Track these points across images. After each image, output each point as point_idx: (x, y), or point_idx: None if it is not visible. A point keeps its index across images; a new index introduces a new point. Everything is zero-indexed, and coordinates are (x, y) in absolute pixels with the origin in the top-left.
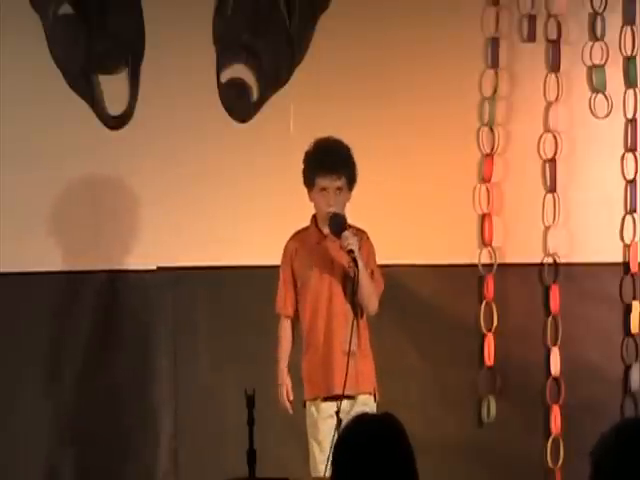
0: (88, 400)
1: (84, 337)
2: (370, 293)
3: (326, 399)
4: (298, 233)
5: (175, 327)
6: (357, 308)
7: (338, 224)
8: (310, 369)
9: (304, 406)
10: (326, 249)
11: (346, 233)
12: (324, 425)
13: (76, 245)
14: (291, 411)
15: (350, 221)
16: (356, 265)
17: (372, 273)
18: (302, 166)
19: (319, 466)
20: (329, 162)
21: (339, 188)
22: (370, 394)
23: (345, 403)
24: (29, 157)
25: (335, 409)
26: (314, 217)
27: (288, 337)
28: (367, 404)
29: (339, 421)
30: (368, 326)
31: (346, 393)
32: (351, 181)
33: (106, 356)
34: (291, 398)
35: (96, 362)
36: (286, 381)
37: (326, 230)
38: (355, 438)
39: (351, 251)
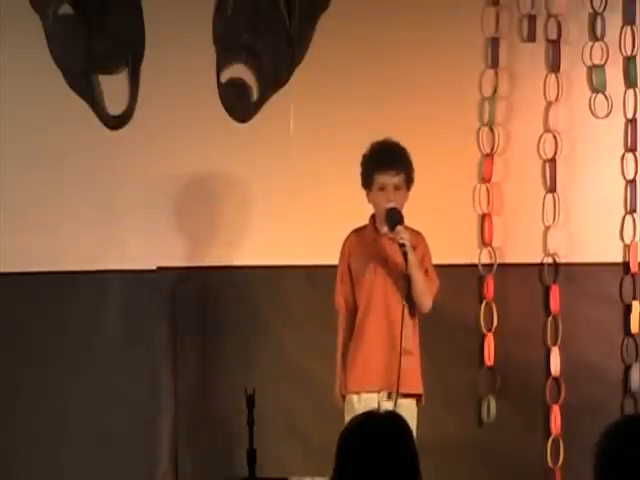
0: (88, 400)
1: (84, 337)
2: (423, 289)
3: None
4: (356, 231)
5: (175, 327)
6: (411, 305)
7: (394, 218)
8: (359, 362)
9: (343, 399)
10: (382, 246)
11: (399, 227)
12: None
13: (76, 245)
14: (342, 404)
15: (351, 221)
16: (406, 259)
17: (426, 272)
18: (360, 169)
19: None
20: (387, 159)
21: (397, 187)
22: (414, 398)
23: (389, 404)
24: (29, 157)
25: (376, 405)
26: (372, 216)
27: (342, 332)
28: (410, 410)
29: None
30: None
31: (407, 391)
32: (409, 180)
33: (105, 356)
34: (344, 392)
35: (96, 362)
36: (339, 376)
37: (383, 229)
38: (359, 436)
39: (402, 245)
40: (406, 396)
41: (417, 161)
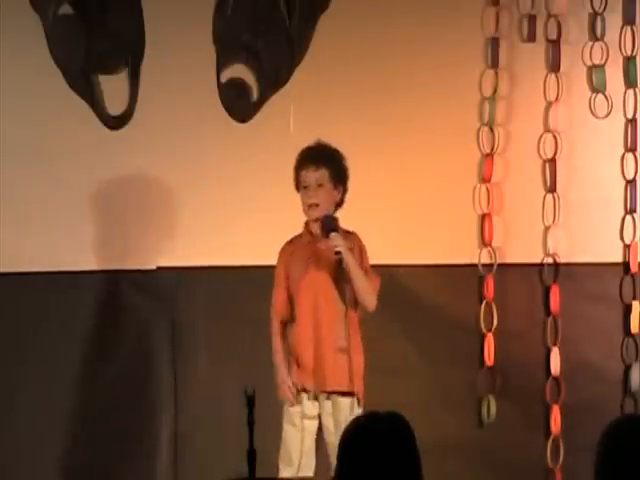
0: (88, 400)
1: (84, 337)
2: (366, 290)
3: (309, 397)
4: (292, 240)
5: (175, 327)
6: (347, 306)
7: (328, 225)
8: (298, 365)
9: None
10: (317, 249)
11: (334, 234)
12: (304, 425)
13: (76, 245)
14: (295, 403)
15: (349, 221)
16: (341, 266)
17: (366, 271)
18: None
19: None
20: (309, 156)
21: (320, 183)
22: (353, 397)
23: (328, 404)
24: (29, 157)
25: (317, 410)
26: (306, 222)
27: (279, 338)
28: (351, 410)
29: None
30: (369, 327)
31: (334, 389)
32: (336, 178)
33: (106, 356)
34: (294, 392)
35: (96, 362)
36: (287, 380)
37: (315, 229)
38: (361, 436)
39: (338, 252)
40: (342, 395)
41: (417, 161)
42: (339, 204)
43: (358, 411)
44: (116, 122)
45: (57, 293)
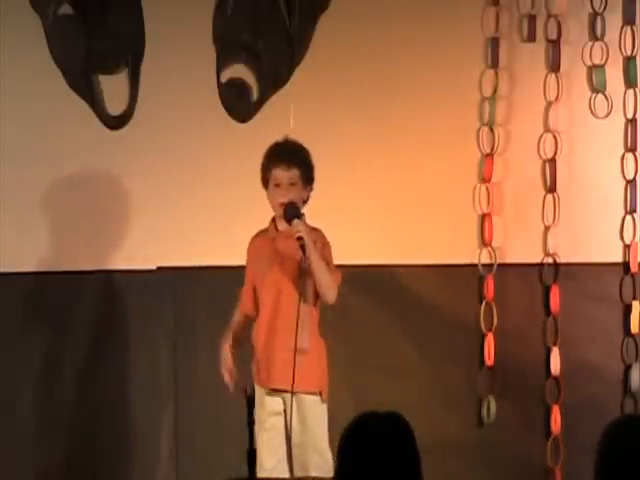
0: (88, 400)
1: (84, 337)
2: (326, 281)
3: (270, 393)
4: (257, 234)
5: (175, 327)
6: (306, 300)
7: (290, 212)
8: (258, 363)
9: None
10: (280, 245)
11: (296, 221)
12: (271, 423)
13: (76, 245)
14: (232, 389)
15: (350, 221)
16: (304, 252)
17: (328, 265)
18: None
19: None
20: (282, 155)
21: (292, 182)
22: (316, 395)
23: (290, 399)
24: (29, 157)
25: (282, 406)
26: (273, 217)
27: (235, 325)
28: (315, 407)
29: (288, 419)
30: (369, 327)
31: (288, 386)
32: (306, 178)
33: (106, 356)
34: (234, 375)
35: (96, 362)
36: (227, 364)
37: (281, 226)
38: (361, 436)
39: (300, 238)
40: (306, 393)
41: (417, 161)
42: (305, 201)
43: (323, 407)
44: (116, 122)
45: (57, 293)
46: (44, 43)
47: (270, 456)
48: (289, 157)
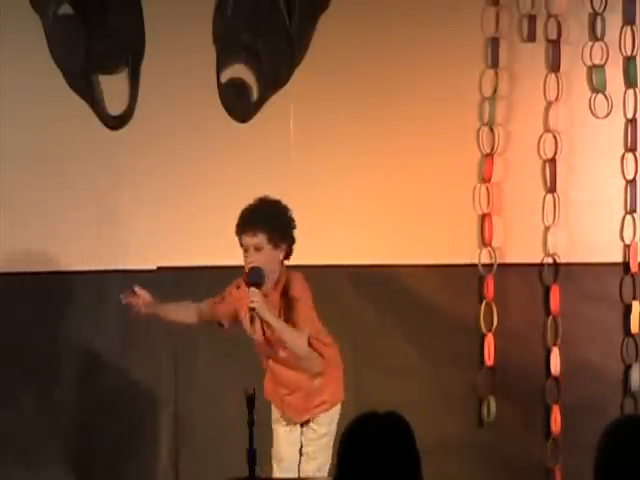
0: (88, 400)
1: (84, 337)
2: (290, 339)
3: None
4: (238, 286)
5: (175, 327)
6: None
7: (251, 278)
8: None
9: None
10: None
11: (253, 289)
12: (287, 451)
13: (76, 245)
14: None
15: (350, 221)
16: (252, 322)
17: (298, 319)
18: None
19: None
20: (246, 221)
21: (258, 247)
22: (333, 407)
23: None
24: (29, 157)
25: (299, 441)
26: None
27: (184, 306)
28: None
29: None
30: (369, 327)
31: (309, 417)
32: (275, 239)
33: (106, 356)
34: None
35: (95, 362)
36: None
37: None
38: (361, 436)
39: (252, 309)
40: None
41: (417, 161)
42: (286, 257)
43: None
44: (116, 122)
45: (56, 293)
46: (44, 43)
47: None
48: (253, 223)
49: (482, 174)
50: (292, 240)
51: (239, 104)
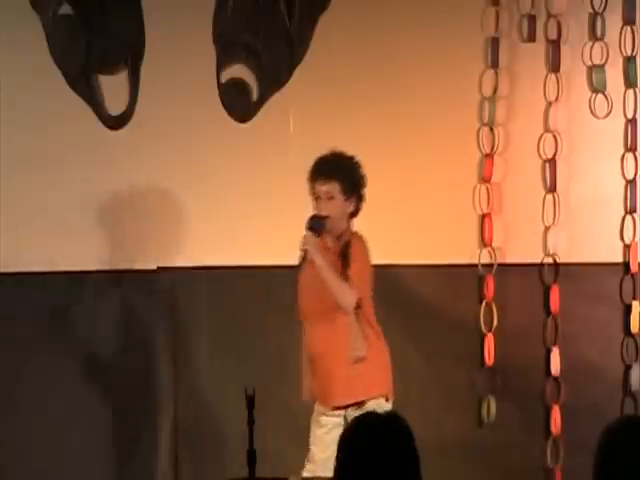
0: (88, 400)
1: (84, 337)
2: (339, 292)
3: (329, 414)
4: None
5: (175, 327)
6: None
7: (311, 224)
8: (313, 378)
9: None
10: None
11: (307, 233)
12: (327, 420)
13: (76, 245)
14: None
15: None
16: (301, 263)
17: (352, 275)
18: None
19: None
20: (320, 169)
21: (330, 195)
22: (381, 397)
23: (351, 411)
24: (29, 157)
25: (342, 422)
26: None
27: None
28: (379, 405)
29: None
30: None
31: (352, 401)
32: (347, 190)
33: (106, 356)
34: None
35: (96, 362)
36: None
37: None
38: (359, 437)
39: (303, 250)
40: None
41: (417, 161)
42: (354, 213)
43: (387, 406)
44: (116, 122)
45: (57, 293)
46: (44, 43)
47: (322, 450)
48: (328, 170)
49: (482, 174)
50: (362, 197)
51: (239, 104)
